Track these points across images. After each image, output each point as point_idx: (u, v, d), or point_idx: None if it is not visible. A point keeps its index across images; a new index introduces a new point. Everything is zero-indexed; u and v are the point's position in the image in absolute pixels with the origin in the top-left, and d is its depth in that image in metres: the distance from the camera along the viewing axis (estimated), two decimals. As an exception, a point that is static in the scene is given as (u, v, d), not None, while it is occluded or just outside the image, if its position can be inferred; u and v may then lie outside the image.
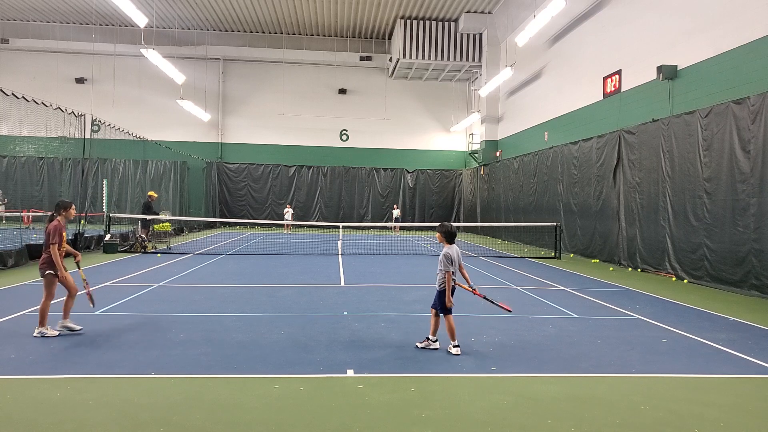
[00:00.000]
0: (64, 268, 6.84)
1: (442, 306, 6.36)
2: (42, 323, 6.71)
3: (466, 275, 6.58)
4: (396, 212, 31.64)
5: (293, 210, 32.60)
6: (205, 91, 33.44)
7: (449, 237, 6.52)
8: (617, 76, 18.09)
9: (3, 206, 25.49)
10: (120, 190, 21.39)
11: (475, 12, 29.32)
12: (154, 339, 6.64)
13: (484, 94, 28.94)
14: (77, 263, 7.26)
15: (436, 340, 6.49)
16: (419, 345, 6.51)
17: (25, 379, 5.18)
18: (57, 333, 6.73)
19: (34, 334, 6.63)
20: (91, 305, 7.42)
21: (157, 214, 19.35)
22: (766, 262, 10.61)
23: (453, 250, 6.44)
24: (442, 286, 6.37)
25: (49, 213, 7.64)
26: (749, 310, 9.46)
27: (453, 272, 6.36)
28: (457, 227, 35.91)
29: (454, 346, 6.31)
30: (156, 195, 19.82)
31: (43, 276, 6.81)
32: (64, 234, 7.00)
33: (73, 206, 7.31)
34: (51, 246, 6.74)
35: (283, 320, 7.92)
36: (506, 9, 27.49)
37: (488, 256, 18.25)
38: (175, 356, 5.99)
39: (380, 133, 35.20)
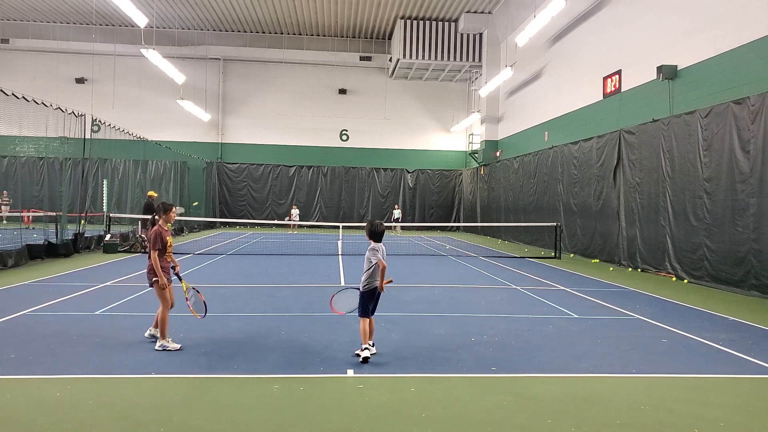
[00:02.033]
0: (169, 280, 6.43)
1: (365, 308, 6.09)
2: (163, 336, 6.25)
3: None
4: (397, 212, 31.62)
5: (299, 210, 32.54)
6: (205, 91, 33.44)
7: (374, 236, 6.28)
8: (617, 76, 18.08)
9: (8, 206, 25.43)
10: (120, 190, 21.34)
11: (475, 12, 29.31)
12: (154, 339, 6.63)
13: (484, 94, 28.94)
14: (177, 274, 6.72)
15: (373, 345, 6.16)
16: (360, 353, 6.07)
17: (25, 379, 5.18)
18: (179, 346, 6.25)
19: (156, 348, 6.19)
20: (200, 316, 6.67)
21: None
22: (765, 262, 10.61)
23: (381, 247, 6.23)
24: (367, 287, 6.11)
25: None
26: (749, 310, 9.46)
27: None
28: (457, 227, 35.77)
29: (365, 349, 5.96)
30: (156, 194, 19.79)
31: (151, 285, 6.43)
32: (169, 239, 6.48)
33: (174, 208, 6.78)
34: (152, 252, 6.32)
35: (283, 320, 7.92)
36: (506, 9, 27.49)
37: (488, 256, 18.25)
38: (175, 356, 5.99)
39: (380, 133, 35.20)
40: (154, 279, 6.36)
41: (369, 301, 6.13)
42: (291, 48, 33.49)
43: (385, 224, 6.70)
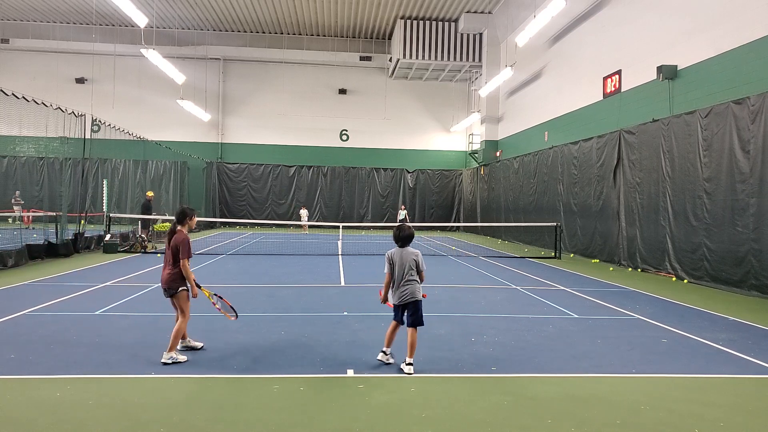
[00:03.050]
0: (198, 285, 6.07)
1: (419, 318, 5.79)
2: (173, 347, 5.80)
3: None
4: (403, 213, 31.24)
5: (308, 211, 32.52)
6: (205, 91, 33.44)
7: (396, 241, 5.96)
8: (617, 76, 18.08)
9: (20, 207, 25.38)
10: (120, 190, 21.35)
11: (475, 12, 29.31)
12: (154, 339, 6.63)
13: (484, 94, 28.94)
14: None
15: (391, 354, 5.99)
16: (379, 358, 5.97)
17: (25, 379, 5.18)
18: (186, 359, 5.89)
19: (164, 360, 5.70)
20: (232, 317, 6.42)
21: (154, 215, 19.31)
22: (765, 262, 10.61)
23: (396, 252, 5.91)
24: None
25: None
26: (749, 310, 9.46)
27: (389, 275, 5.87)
28: (457, 227, 35.52)
29: (409, 364, 5.69)
30: (153, 194, 19.72)
31: (173, 295, 5.93)
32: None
33: (195, 213, 6.40)
34: (182, 261, 5.86)
35: (283, 320, 7.92)
36: (506, 9, 27.49)
37: (488, 256, 18.25)
38: (175, 356, 5.99)
39: (380, 133, 35.20)
40: (181, 288, 5.93)
41: (395, 309, 5.91)
42: (291, 48, 33.49)
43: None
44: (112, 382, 5.15)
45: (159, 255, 16.04)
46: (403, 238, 5.89)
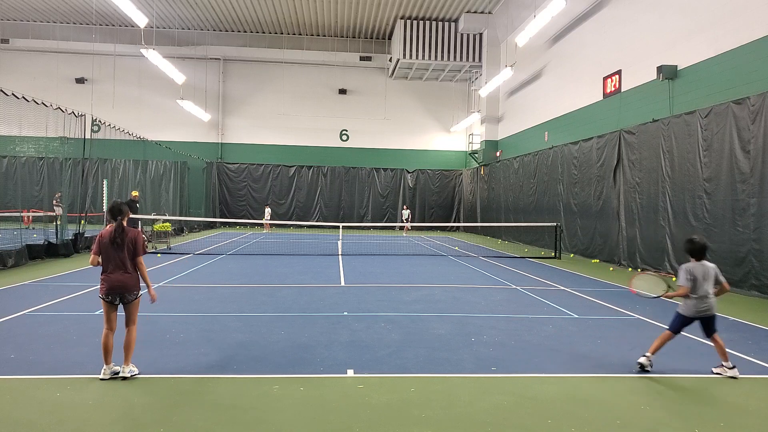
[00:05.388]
0: None
1: (672, 322, 5.96)
2: (130, 359, 5.29)
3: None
4: (406, 213, 31.14)
5: (271, 209, 32.51)
6: (205, 91, 33.44)
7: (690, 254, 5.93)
8: (617, 76, 18.08)
9: (60, 207, 25.28)
10: (120, 190, 21.35)
11: (475, 12, 29.31)
12: (154, 339, 6.63)
13: (484, 94, 28.93)
14: None
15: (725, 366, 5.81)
16: (715, 370, 5.89)
17: (25, 379, 5.18)
18: (138, 371, 5.36)
19: (126, 375, 5.19)
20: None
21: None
22: (765, 262, 10.61)
23: (697, 266, 5.89)
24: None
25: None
26: (749, 310, 9.46)
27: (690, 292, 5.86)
28: (457, 227, 35.28)
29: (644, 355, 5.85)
30: (137, 193, 19.65)
31: (134, 300, 5.35)
32: None
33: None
34: (140, 258, 5.38)
35: (283, 320, 7.92)
36: (506, 9, 27.49)
37: (488, 256, 18.25)
38: (175, 356, 5.99)
39: (380, 133, 35.20)
40: (141, 293, 5.42)
41: (676, 320, 5.99)
42: (291, 48, 33.49)
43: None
44: (112, 382, 5.15)
45: (159, 255, 16.04)
46: (692, 251, 5.95)
